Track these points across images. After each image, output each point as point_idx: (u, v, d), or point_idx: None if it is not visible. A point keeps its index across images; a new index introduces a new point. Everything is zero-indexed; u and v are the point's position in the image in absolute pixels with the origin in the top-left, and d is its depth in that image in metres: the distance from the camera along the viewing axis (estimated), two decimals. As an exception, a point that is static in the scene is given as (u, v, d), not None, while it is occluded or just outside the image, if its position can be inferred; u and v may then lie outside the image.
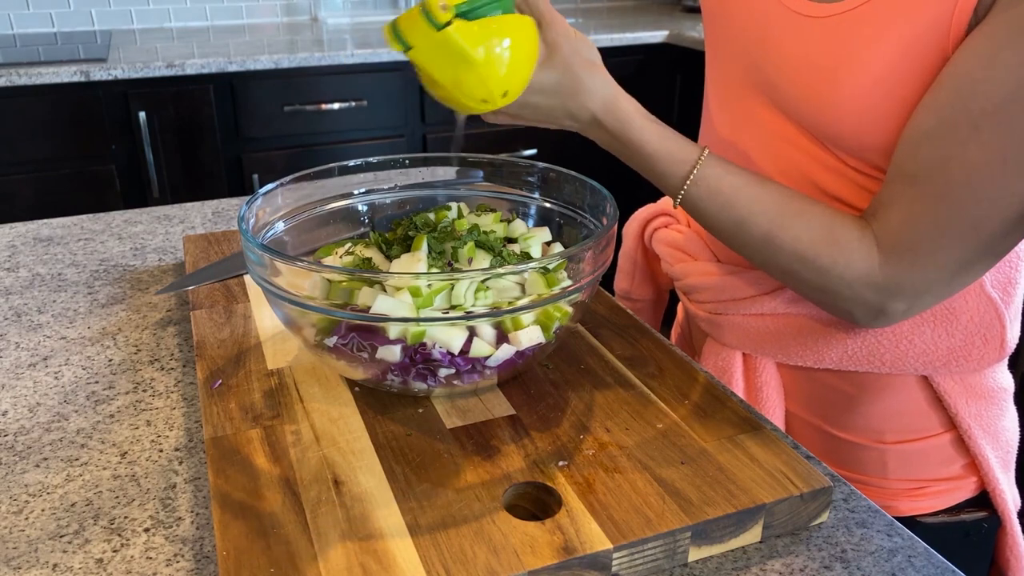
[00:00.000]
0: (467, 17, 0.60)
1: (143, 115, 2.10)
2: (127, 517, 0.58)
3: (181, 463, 0.64)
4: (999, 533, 0.82)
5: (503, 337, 0.62)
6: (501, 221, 0.75)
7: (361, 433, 0.62)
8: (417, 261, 0.66)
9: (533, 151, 2.54)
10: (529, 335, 0.63)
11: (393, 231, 0.73)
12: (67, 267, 0.98)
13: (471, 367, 0.62)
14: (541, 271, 0.63)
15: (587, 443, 0.61)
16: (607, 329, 0.78)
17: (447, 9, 0.59)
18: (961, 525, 0.81)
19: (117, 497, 0.60)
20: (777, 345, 0.79)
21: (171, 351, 0.79)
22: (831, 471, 0.63)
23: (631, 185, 2.51)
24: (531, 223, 0.79)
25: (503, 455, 0.59)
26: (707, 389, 0.68)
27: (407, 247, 0.69)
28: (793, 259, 0.68)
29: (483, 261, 0.67)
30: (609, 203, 0.69)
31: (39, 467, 0.63)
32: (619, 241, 0.79)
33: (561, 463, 0.58)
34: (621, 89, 0.69)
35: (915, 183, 0.63)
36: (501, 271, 0.61)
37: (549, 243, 0.75)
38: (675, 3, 3.21)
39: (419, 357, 0.61)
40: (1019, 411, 0.83)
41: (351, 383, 0.68)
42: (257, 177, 2.28)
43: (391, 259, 0.69)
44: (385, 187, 0.82)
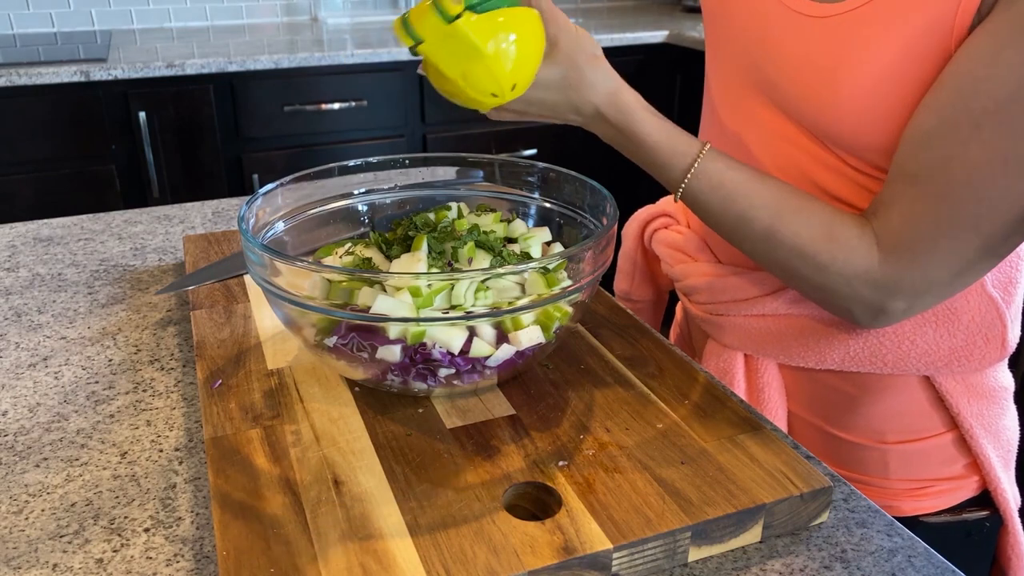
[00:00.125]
0: (476, 10, 0.61)
1: (143, 115, 2.10)
2: (127, 517, 0.58)
3: (181, 463, 0.64)
4: (1001, 532, 0.82)
5: (503, 337, 0.62)
6: (501, 221, 0.75)
7: (361, 433, 0.62)
8: (417, 261, 0.66)
9: (533, 151, 2.54)
10: (529, 335, 0.63)
11: (393, 231, 0.73)
12: (67, 267, 0.98)
13: (471, 367, 0.62)
14: (541, 271, 0.63)
15: (587, 443, 0.61)
16: (607, 329, 0.78)
17: (458, 2, 0.60)
18: (963, 525, 0.81)
19: (117, 497, 0.60)
20: (779, 346, 0.79)
21: (171, 351, 0.79)
22: (831, 471, 0.63)
23: (631, 185, 2.51)
24: (531, 223, 0.79)
25: (503, 455, 0.59)
26: (707, 389, 0.68)
27: (407, 247, 0.69)
28: (792, 255, 0.68)
29: (483, 261, 0.67)
30: (609, 203, 0.69)
31: (39, 467, 0.63)
32: (619, 242, 0.79)
33: (561, 463, 0.58)
34: (623, 82, 0.70)
35: (916, 182, 0.63)
36: (501, 271, 0.61)
37: (549, 243, 0.75)
38: (675, 3, 3.21)
39: (419, 357, 0.61)
40: (1019, 410, 0.83)
41: (351, 383, 0.68)
42: (257, 177, 2.28)
43: (391, 259, 0.69)
44: (385, 187, 0.82)
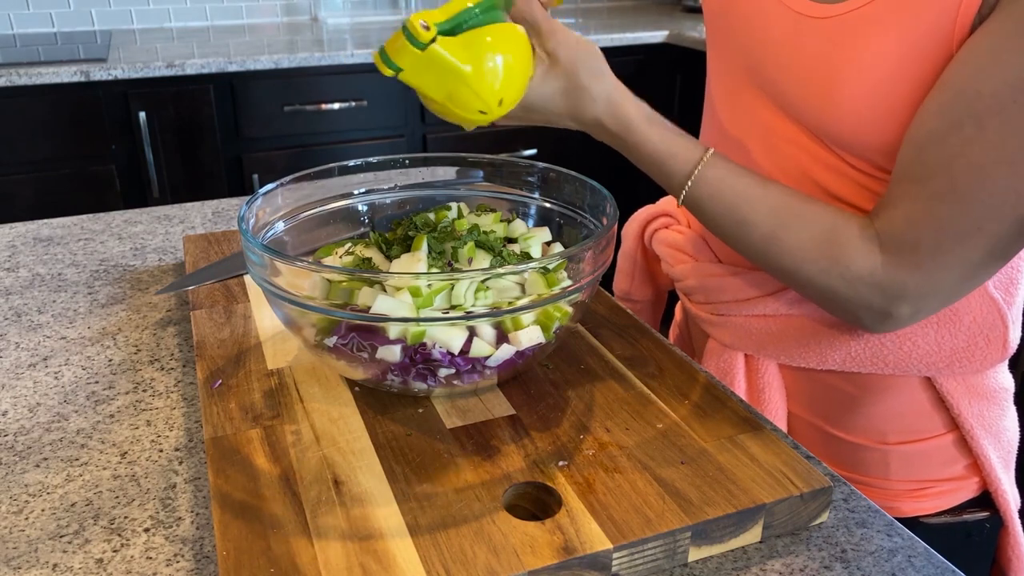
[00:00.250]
0: (450, 33, 0.61)
1: (143, 115, 2.10)
2: (127, 517, 0.58)
3: (181, 463, 0.64)
4: (1001, 533, 0.82)
5: (503, 337, 0.62)
6: (501, 221, 0.75)
7: (361, 433, 0.62)
8: (417, 261, 0.66)
9: (533, 151, 2.55)
10: (529, 335, 0.63)
11: (393, 231, 0.73)
12: (67, 267, 0.98)
13: (471, 367, 0.62)
14: (541, 271, 0.63)
15: (587, 443, 0.61)
16: (607, 329, 0.78)
17: (428, 28, 0.59)
18: (963, 526, 0.81)
19: (117, 497, 0.60)
20: (779, 346, 0.79)
21: (171, 351, 0.79)
22: (831, 471, 0.63)
23: (631, 185, 2.51)
24: (531, 223, 0.79)
25: (503, 455, 0.59)
26: (707, 389, 0.68)
27: (407, 247, 0.69)
28: (796, 260, 0.68)
29: (483, 261, 0.67)
30: (609, 203, 0.69)
31: (39, 467, 0.63)
32: (619, 242, 0.79)
33: (561, 463, 0.58)
34: (627, 92, 0.69)
35: (919, 184, 0.63)
36: (501, 271, 0.61)
37: (549, 243, 0.75)
38: (675, 3, 3.21)
39: (419, 357, 0.61)
40: (1020, 411, 0.83)
41: (351, 383, 0.68)
42: (257, 177, 2.28)
43: (391, 259, 0.69)
44: (385, 187, 0.82)
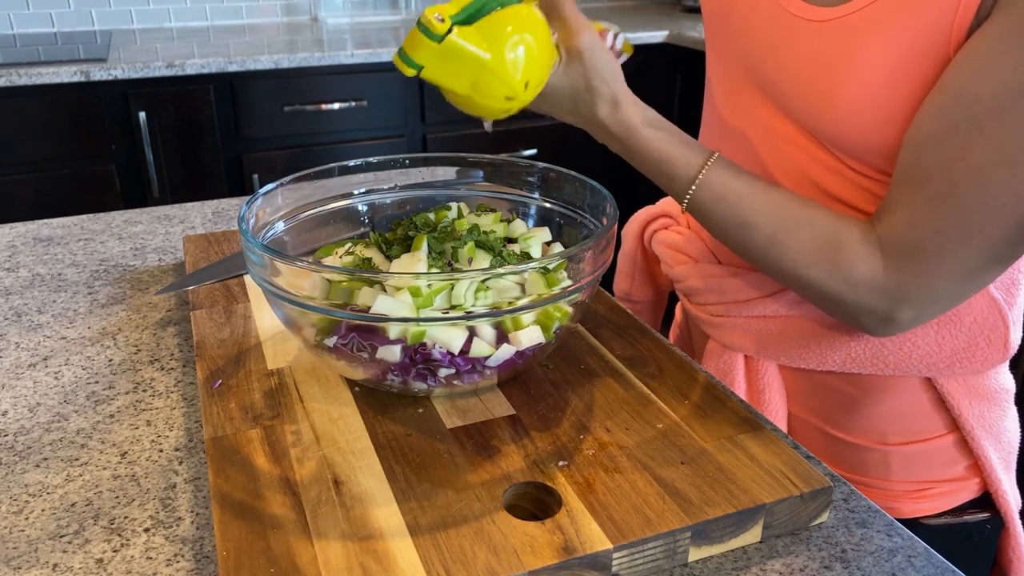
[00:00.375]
0: (466, 23, 0.60)
1: (143, 115, 2.10)
2: (127, 517, 0.58)
3: (181, 463, 0.64)
4: (1001, 534, 0.82)
5: (503, 337, 0.62)
6: (501, 221, 0.75)
7: (361, 433, 0.62)
8: (417, 261, 0.66)
9: (533, 151, 2.55)
10: (529, 335, 0.63)
11: (393, 231, 0.73)
12: (67, 267, 0.98)
13: (471, 367, 0.62)
14: (541, 271, 0.63)
15: (587, 443, 0.61)
16: (607, 329, 0.78)
17: (443, 20, 0.59)
18: (964, 526, 0.81)
19: (117, 497, 0.60)
20: (779, 347, 0.79)
21: (171, 351, 0.79)
22: (831, 471, 0.63)
23: (631, 185, 2.51)
24: (531, 223, 0.79)
25: (503, 455, 0.59)
26: (707, 389, 0.68)
27: (407, 247, 0.69)
28: (797, 264, 0.68)
29: (483, 261, 0.67)
30: (609, 203, 0.69)
31: (39, 467, 0.63)
32: (619, 242, 0.79)
33: (561, 463, 0.58)
34: (632, 96, 0.69)
35: (919, 187, 0.63)
36: (501, 271, 0.61)
37: (549, 243, 0.75)
38: (675, 3, 3.21)
39: (419, 357, 0.61)
40: (1020, 412, 0.83)
41: (351, 383, 0.68)
42: (257, 177, 2.28)
43: (391, 259, 0.69)
44: (385, 187, 0.82)
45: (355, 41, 2.41)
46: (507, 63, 0.61)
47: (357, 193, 0.80)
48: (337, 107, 2.28)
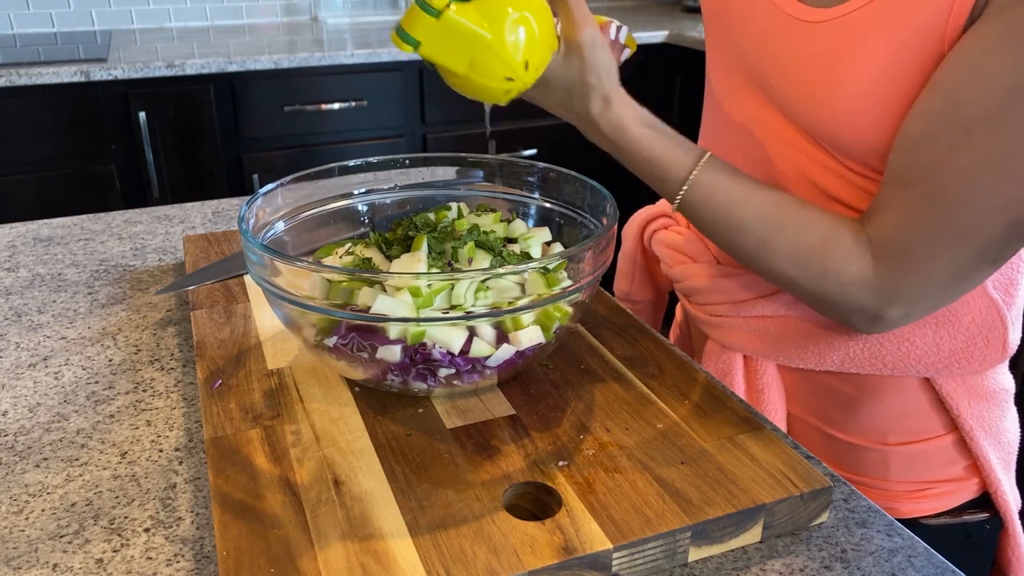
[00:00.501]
0: (465, 0, 0.60)
1: (143, 115, 2.10)
2: (127, 517, 0.58)
3: (181, 463, 0.64)
4: (1001, 535, 0.82)
5: (503, 337, 0.62)
6: (501, 221, 0.75)
7: (361, 433, 0.62)
8: (417, 261, 0.66)
9: (533, 151, 2.54)
10: (529, 335, 0.63)
11: (393, 231, 0.73)
12: (67, 267, 0.98)
13: (471, 367, 0.62)
14: (541, 271, 0.63)
15: (587, 443, 0.61)
16: (607, 329, 0.78)
17: None
18: (963, 527, 0.81)
19: (117, 497, 0.60)
20: (778, 347, 0.79)
21: (171, 351, 0.79)
22: (831, 471, 0.63)
23: (631, 185, 2.51)
24: (531, 223, 0.79)
25: (503, 455, 0.59)
26: (707, 389, 0.68)
27: (407, 247, 0.69)
28: (788, 264, 0.68)
29: (483, 261, 0.67)
30: (609, 203, 0.69)
31: (39, 467, 0.63)
32: (619, 242, 0.79)
33: (561, 463, 0.58)
34: (626, 96, 0.69)
35: (908, 187, 0.63)
36: (501, 271, 0.61)
37: (549, 243, 0.75)
38: (675, 3, 3.21)
39: (419, 357, 0.61)
40: (1020, 412, 0.83)
41: (351, 383, 0.68)
42: (257, 177, 2.28)
43: (391, 259, 0.69)
44: (385, 187, 0.82)
45: (355, 41, 2.41)
46: (506, 41, 0.61)
47: (357, 193, 0.80)
48: (337, 107, 2.28)
